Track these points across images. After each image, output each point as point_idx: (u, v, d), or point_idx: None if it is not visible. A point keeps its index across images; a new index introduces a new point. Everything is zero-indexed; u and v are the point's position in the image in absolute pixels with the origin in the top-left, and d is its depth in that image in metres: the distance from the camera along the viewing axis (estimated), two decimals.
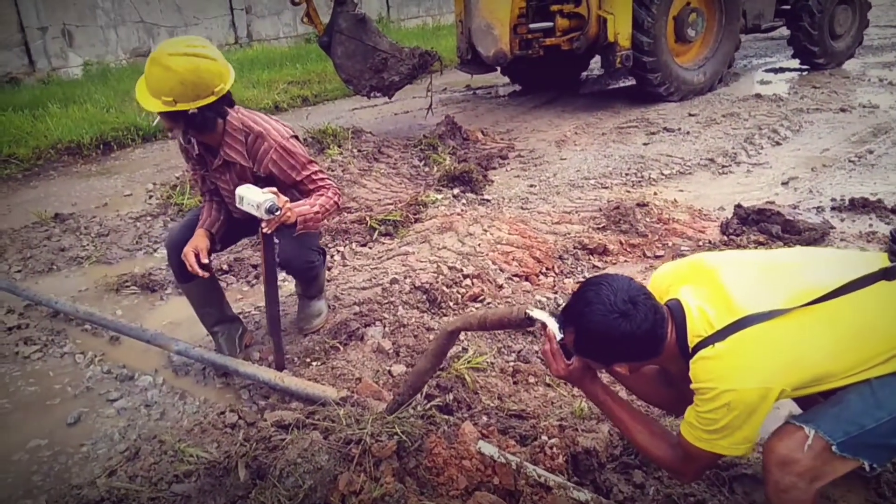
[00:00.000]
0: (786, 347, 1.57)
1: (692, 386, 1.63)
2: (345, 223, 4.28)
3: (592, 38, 6.97)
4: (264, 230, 2.54)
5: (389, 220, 4.25)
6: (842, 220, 4.15)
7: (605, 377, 2.00)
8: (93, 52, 9.86)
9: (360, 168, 5.21)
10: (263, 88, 8.33)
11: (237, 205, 2.54)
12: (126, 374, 2.98)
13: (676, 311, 1.68)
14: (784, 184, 4.87)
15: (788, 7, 8.60)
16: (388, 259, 3.87)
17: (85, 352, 3.17)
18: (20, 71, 9.22)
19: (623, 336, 1.59)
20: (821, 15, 8.31)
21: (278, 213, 2.48)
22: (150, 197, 5.14)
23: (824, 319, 1.59)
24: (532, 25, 6.96)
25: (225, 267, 3.91)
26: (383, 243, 4.12)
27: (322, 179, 2.79)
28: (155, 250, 4.30)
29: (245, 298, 3.66)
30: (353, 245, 4.10)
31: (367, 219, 4.27)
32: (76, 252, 4.32)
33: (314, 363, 2.86)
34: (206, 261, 2.71)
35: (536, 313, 1.87)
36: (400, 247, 4.00)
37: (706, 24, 7.60)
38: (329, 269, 3.91)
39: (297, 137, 2.80)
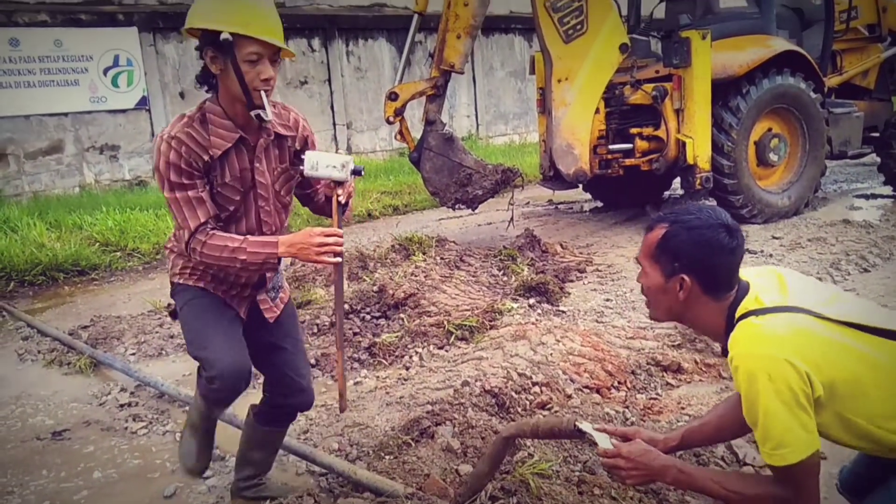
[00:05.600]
0: (819, 338, 1.60)
1: (728, 359, 1.67)
2: (424, 326, 4.54)
3: (672, 160, 7.21)
4: (341, 198, 2.30)
5: (466, 325, 4.49)
6: None
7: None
8: None
9: (442, 275, 5.52)
10: (358, 197, 8.99)
11: (308, 172, 2.25)
12: (218, 454, 3.25)
13: (742, 286, 1.77)
14: None
15: (878, 135, 8.61)
16: (462, 363, 4.07)
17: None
18: (148, 175, 10.38)
19: (718, 246, 1.70)
20: None
21: (363, 173, 2.37)
22: None
23: (865, 343, 1.62)
24: (612, 147, 7.31)
25: (312, 361, 4.22)
26: (459, 347, 4.34)
27: None
28: None
29: (329, 391, 3.92)
30: (431, 347, 4.34)
31: (446, 323, 4.52)
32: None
33: (387, 457, 3.04)
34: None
35: (585, 426, 2.00)
36: (475, 351, 4.20)
37: (789, 150, 7.70)
38: (407, 368, 4.15)
39: None
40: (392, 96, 6.52)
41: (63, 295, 6.38)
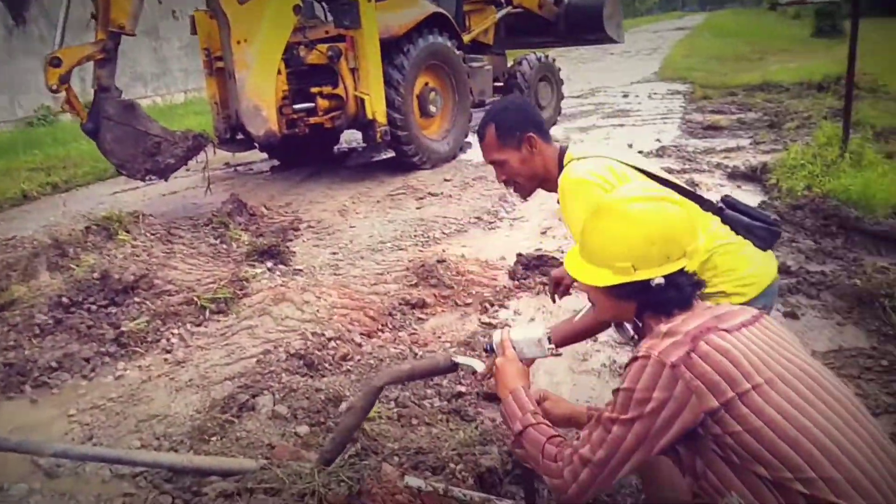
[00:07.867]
0: (619, 169, 2.16)
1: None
2: (172, 306, 4.26)
3: (353, 117, 7.66)
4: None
5: (219, 297, 4.35)
6: None
7: None
8: None
9: (162, 251, 5.15)
10: (5, 178, 7.53)
11: (520, 354, 1.98)
12: None
13: (563, 146, 2.36)
14: (543, 233, 5.77)
15: (501, 84, 10.31)
16: (232, 335, 3.99)
17: None
18: None
19: (529, 106, 2.47)
20: (527, 90, 10.08)
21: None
22: None
23: (651, 183, 2.08)
24: (295, 106, 7.45)
25: (54, 364, 3.68)
26: (219, 321, 4.20)
27: None
28: None
29: (88, 393, 3.49)
30: (188, 326, 4.12)
31: (196, 299, 4.32)
32: None
33: (212, 438, 2.94)
34: None
35: (461, 359, 2.29)
36: (240, 321, 4.13)
37: (444, 102, 8.76)
38: (169, 352, 3.90)
39: None
40: (54, 62, 5.64)
41: None
